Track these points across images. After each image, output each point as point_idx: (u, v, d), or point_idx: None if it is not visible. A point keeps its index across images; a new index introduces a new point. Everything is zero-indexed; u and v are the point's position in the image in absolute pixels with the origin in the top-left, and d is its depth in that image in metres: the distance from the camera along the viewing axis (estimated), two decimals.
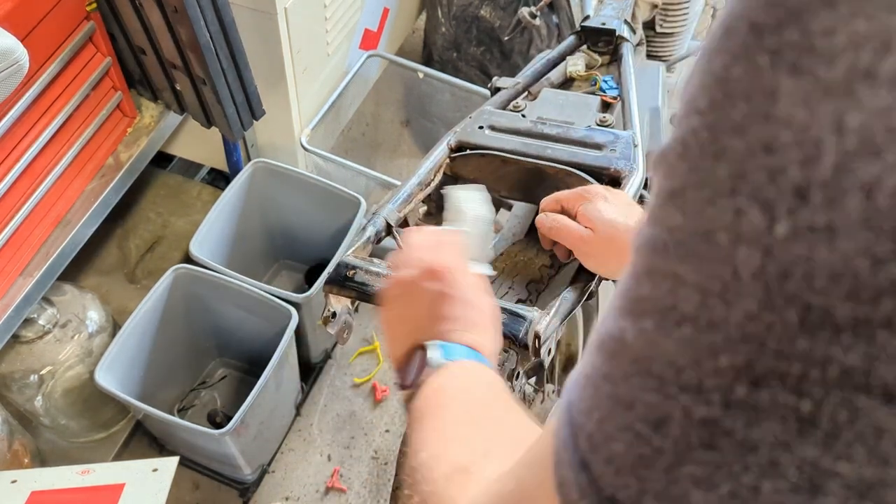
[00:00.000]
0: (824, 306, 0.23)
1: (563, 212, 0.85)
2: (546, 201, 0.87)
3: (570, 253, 0.85)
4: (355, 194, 1.65)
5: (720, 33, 0.26)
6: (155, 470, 1.26)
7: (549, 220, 0.83)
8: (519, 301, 0.91)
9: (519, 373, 0.82)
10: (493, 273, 0.64)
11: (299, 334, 1.59)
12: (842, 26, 0.23)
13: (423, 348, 0.58)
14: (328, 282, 0.82)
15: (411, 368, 0.58)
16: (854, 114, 0.22)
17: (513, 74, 1.17)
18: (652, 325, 0.28)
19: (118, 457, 1.62)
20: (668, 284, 0.27)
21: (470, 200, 0.73)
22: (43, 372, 1.43)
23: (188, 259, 1.57)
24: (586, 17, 1.19)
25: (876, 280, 0.23)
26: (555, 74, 1.14)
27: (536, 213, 0.89)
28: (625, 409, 0.28)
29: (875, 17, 0.22)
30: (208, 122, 1.54)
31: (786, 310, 0.24)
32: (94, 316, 1.51)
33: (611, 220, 0.79)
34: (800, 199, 0.23)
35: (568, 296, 0.80)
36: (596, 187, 0.85)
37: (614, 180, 0.92)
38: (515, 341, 0.75)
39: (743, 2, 0.26)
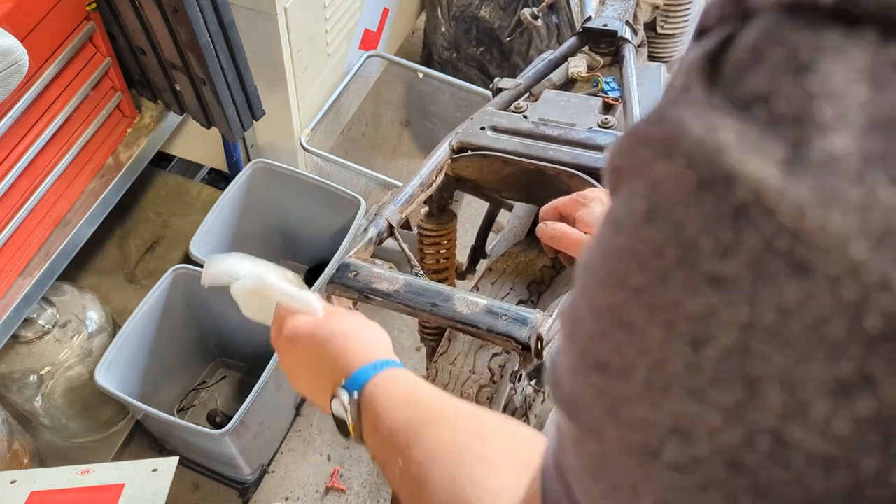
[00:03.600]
0: None
1: (562, 218, 0.85)
2: (545, 210, 0.87)
3: (573, 259, 0.85)
4: (355, 194, 1.65)
5: (570, 319, 0.29)
6: (155, 470, 1.26)
7: (549, 229, 0.83)
8: (520, 302, 0.91)
9: (521, 374, 0.82)
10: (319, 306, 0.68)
11: None
12: (634, 403, 0.26)
13: (335, 398, 0.59)
14: (330, 283, 0.82)
15: (338, 418, 0.60)
16: (654, 479, 0.26)
17: (512, 75, 1.17)
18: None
19: (118, 457, 1.62)
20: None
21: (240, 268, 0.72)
22: (43, 372, 1.43)
23: (188, 259, 1.57)
24: (588, 19, 1.19)
25: None
26: (556, 75, 1.14)
27: (537, 214, 0.89)
28: None
29: (653, 409, 0.25)
30: (208, 122, 1.54)
31: None
32: (94, 316, 1.51)
33: None
34: None
35: None
36: (593, 191, 0.85)
37: None
38: (518, 343, 0.75)
39: (580, 306, 0.28)
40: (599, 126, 1.00)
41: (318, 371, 0.63)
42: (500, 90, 1.11)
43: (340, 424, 0.59)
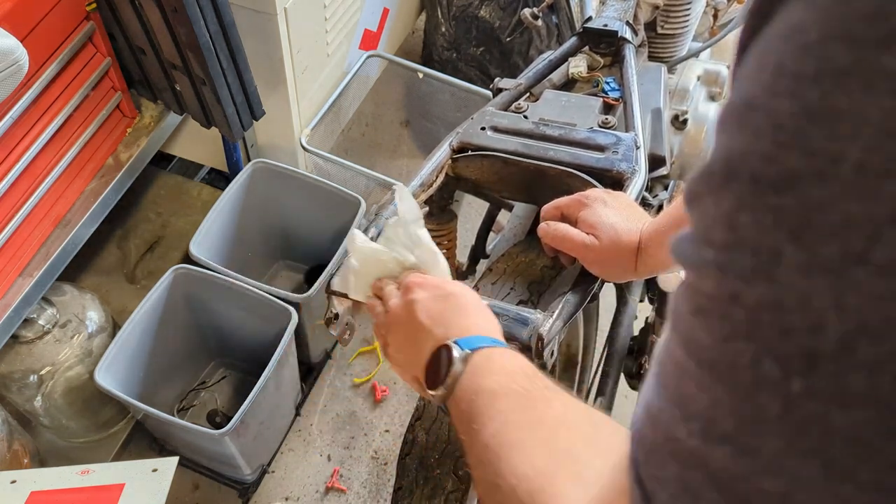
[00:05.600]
0: (845, 465, 0.23)
1: (564, 219, 0.85)
2: (546, 209, 0.86)
3: (573, 259, 0.85)
4: (355, 194, 1.65)
5: (723, 171, 0.26)
6: (155, 470, 1.26)
7: (551, 230, 0.83)
8: (520, 302, 0.91)
9: None
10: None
11: (299, 334, 1.59)
12: (834, 205, 0.22)
13: (443, 348, 0.59)
14: (330, 283, 0.82)
15: (436, 370, 0.59)
16: (852, 295, 0.22)
17: (512, 75, 1.16)
18: (698, 429, 0.27)
19: (118, 457, 1.62)
20: (706, 397, 0.27)
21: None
22: (43, 372, 1.43)
23: (188, 259, 1.57)
24: (588, 19, 1.19)
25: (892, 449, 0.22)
26: (556, 76, 1.14)
27: (537, 214, 0.89)
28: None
29: (865, 201, 0.22)
30: (208, 122, 1.54)
31: (807, 460, 0.24)
32: (94, 316, 1.51)
33: (612, 225, 0.79)
34: (811, 362, 0.23)
35: (571, 298, 0.80)
36: (595, 191, 0.85)
37: (616, 182, 0.92)
38: (518, 343, 0.75)
39: (743, 143, 0.25)
40: (600, 126, 1.00)
41: (433, 320, 0.62)
42: (500, 90, 1.11)
43: (431, 375, 0.59)
